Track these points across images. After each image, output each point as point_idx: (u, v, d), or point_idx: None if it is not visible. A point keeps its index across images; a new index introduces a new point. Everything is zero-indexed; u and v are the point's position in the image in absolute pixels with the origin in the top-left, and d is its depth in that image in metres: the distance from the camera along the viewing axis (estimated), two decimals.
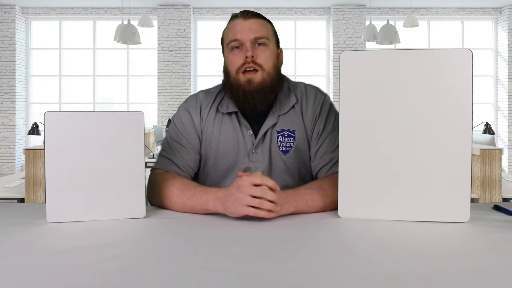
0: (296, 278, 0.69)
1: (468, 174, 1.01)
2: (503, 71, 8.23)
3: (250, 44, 1.25)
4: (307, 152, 1.32)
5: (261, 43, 1.26)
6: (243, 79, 1.25)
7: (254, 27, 1.26)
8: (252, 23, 1.27)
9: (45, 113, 1.04)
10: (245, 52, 1.25)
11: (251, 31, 1.26)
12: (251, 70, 1.25)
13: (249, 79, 1.25)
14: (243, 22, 1.27)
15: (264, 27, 1.29)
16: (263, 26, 1.29)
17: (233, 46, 1.27)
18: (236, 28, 1.27)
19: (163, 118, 7.84)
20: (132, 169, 1.06)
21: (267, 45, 1.27)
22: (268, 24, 1.32)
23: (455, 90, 1.02)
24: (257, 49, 1.26)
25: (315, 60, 8.50)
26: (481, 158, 2.63)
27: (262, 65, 1.26)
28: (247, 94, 1.25)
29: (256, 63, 1.25)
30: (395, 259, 0.79)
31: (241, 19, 1.28)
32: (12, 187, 2.84)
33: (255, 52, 1.25)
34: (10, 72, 8.07)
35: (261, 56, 1.26)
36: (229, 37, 1.28)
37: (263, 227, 1.00)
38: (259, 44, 1.26)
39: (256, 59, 1.25)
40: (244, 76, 1.25)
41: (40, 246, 0.87)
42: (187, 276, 0.70)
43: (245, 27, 1.26)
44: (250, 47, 1.25)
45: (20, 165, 8.23)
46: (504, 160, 8.11)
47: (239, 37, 1.26)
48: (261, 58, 1.26)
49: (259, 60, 1.25)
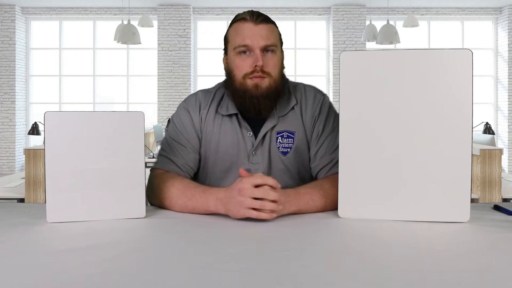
0: (296, 278, 0.69)
1: (468, 174, 1.01)
2: (503, 71, 8.23)
3: (259, 52, 1.23)
4: (307, 153, 1.32)
5: (269, 50, 1.25)
6: (250, 83, 1.24)
7: (264, 34, 1.24)
8: (262, 29, 1.24)
9: (45, 113, 1.04)
10: (255, 60, 1.22)
11: (262, 38, 1.23)
12: (259, 77, 1.24)
13: (257, 84, 1.23)
14: (254, 27, 1.24)
15: (273, 32, 1.27)
16: (272, 31, 1.27)
17: (241, 50, 1.25)
18: (245, 33, 1.24)
19: (163, 118, 7.84)
20: (132, 169, 1.06)
21: (275, 52, 1.26)
22: (276, 28, 1.30)
23: (455, 90, 1.02)
24: (265, 56, 1.24)
25: (315, 60, 8.50)
26: (481, 158, 2.63)
27: (270, 73, 1.24)
28: (253, 99, 1.24)
29: (264, 71, 1.23)
30: (395, 259, 0.79)
31: (251, 23, 1.24)
32: (12, 187, 2.84)
33: (264, 60, 1.23)
34: (10, 72, 8.07)
35: (270, 64, 1.24)
36: (237, 41, 1.25)
37: (263, 227, 1.00)
38: (267, 51, 1.24)
39: (265, 67, 1.23)
40: (252, 81, 1.24)
41: (40, 246, 0.87)
42: (187, 276, 0.70)
43: (255, 33, 1.23)
44: (260, 56, 1.22)
45: (20, 165, 8.23)
46: (504, 160, 8.11)
47: (249, 43, 1.23)
48: (269, 66, 1.24)
49: (267, 69, 1.24)
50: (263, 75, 1.23)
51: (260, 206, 1.01)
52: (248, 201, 1.01)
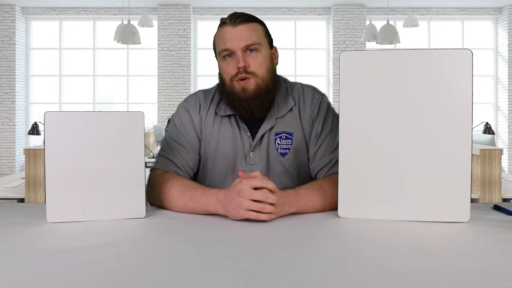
0: (296, 278, 0.69)
1: (468, 174, 1.01)
2: (503, 71, 8.23)
3: (241, 53, 1.23)
4: (306, 154, 1.32)
5: (253, 49, 1.24)
6: (237, 87, 1.25)
7: (244, 34, 1.24)
8: (241, 29, 1.24)
9: (45, 113, 1.04)
10: (237, 62, 1.23)
11: (241, 39, 1.23)
12: (244, 79, 1.24)
13: (244, 87, 1.24)
14: (232, 30, 1.24)
15: (254, 31, 1.26)
16: (253, 30, 1.26)
17: (224, 55, 1.26)
18: (226, 36, 1.25)
19: (163, 118, 7.84)
20: (132, 169, 1.06)
21: (258, 50, 1.25)
22: (259, 26, 1.28)
23: (455, 90, 1.02)
24: (248, 56, 1.24)
25: (315, 60, 8.50)
26: (481, 158, 2.63)
27: (255, 72, 1.24)
28: (243, 101, 1.25)
29: (248, 72, 1.24)
30: (395, 259, 0.79)
31: (230, 26, 1.25)
32: (12, 187, 2.84)
33: (246, 61, 1.23)
34: (10, 72, 8.07)
35: (253, 63, 1.24)
36: (220, 46, 1.26)
37: (263, 227, 1.00)
38: (250, 50, 1.24)
39: (248, 68, 1.23)
40: (239, 85, 1.24)
41: (40, 246, 0.87)
42: (187, 276, 0.70)
43: (235, 36, 1.24)
44: (241, 57, 1.23)
45: (20, 165, 8.23)
46: (504, 160, 8.11)
47: (229, 47, 1.24)
48: (253, 65, 1.24)
49: (252, 68, 1.24)
50: (247, 76, 1.24)
51: (259, 208, 1.01)
52: (247, 202, 1.01)
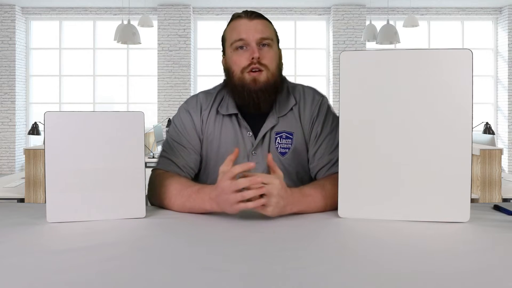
0: (296, 278, 0.69)
1: (468, 174, 1.01)
2: (503, 71, 8.23)
3: (255, 45, 1.25)
4: (305, 154, 1.32)
5: (266, 44, 1.27)
6: (248, 78, 1.25)
7: (259, 28, 1.27)
8: (257, 23, 1.27)
9: (45, 113, 1.04)
10: (251, 53, 1.24)
11: (257, 32, 1.26)
12: (256, 70, 1.25)
13: (255, 78, 1.25)
14: (248, 22, 1.27)
15: (268, 28, 1.29)
16: (267, 27, 1.29)
17: (237, 46, 1.27)
18: (241, 28, 1.27)
19: (163, 118, 7.84)
20: (132, 169, 1.06)
21: (271, 46, 1.28)
22: (271, 25, 1.32)
23: (455, 90, 1.02)
24: (262, 49, 1.26)
25: (315, 60, 8.50)
26: (481, 158, 2.63)
27: (267, 66, 1.26)
28: (252, 93, 1.26)
29: (261, 63, 1.25)
30: (395, 259, 0.79)
31: (246, 19, 1.28)
32: (12, 187, 2.84)
33: (260, 53, 1.25)
34: (10, 72, 8.07)
35: (267, 57, 1.26)
36: (233, 37, 1.28)
37: (264, 227, 1.00)
38: (263, 45, 1.26)
39: (262, 60, 1.25)
40: (250, 76, 1.25)
41: (40, 246, 0.87)
42: (187, 276, 0.70)
43: (250, 27, 1.26)
44: (256, 48, 1.25)
45: (20, 165, 8.23)
46: (504, 160, 8.11)
47: (245, 37, 1.25)
48: (266, 59, 1.26)
49: (265, 61, 1.26)
50: (260, 67, 1.25)
51: (244, 197, 0.99)
52: (232, 197, 1.00)
